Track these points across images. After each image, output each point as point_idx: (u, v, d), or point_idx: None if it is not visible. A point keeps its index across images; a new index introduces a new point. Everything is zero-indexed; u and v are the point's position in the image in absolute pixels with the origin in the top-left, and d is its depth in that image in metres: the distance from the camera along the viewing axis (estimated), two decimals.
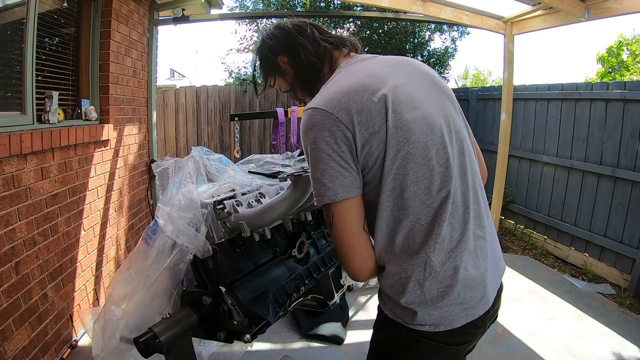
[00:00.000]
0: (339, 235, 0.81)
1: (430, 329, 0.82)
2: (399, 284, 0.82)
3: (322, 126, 0.77)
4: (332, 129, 0.77)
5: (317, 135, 0.78)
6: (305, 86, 1.03)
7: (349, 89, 0.80)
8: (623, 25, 22.16)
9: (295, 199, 1.04)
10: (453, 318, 0.82)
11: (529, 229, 4.14)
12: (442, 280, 0.81)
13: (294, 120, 2.84)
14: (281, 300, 1.08)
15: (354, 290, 2.97)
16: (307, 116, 0.80)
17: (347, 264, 0.84)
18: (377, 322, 0.95)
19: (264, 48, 1.04)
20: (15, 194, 1.71)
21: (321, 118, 0.78)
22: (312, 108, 0.80)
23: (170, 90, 5.72)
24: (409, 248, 0.81)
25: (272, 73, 1.05)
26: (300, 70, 1.00)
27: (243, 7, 7.12)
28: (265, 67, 1.06)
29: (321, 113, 0.78)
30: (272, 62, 1.02)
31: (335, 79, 0.89)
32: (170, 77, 18.10)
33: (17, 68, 1.90)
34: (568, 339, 2.37)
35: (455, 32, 6.91)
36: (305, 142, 0.81)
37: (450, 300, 0.81)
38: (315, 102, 0.81)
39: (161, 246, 0.96)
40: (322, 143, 0.77)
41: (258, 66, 1.09)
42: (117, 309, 0.97)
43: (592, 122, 3.37)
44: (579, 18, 2.82)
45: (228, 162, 1.25)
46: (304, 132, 0.81)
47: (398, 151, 0.78)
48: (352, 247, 0.82)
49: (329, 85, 0.87)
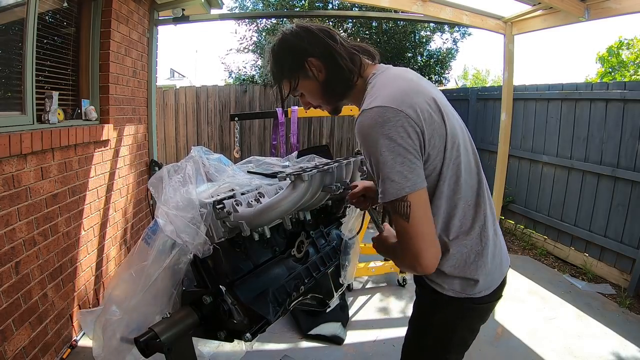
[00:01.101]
0: (416, 224, 0.84)
1: (484, 293, 0.98)
2: (461, 260, 0.95)
3: (396, 122, 0.82)
4: (404, 124, 0.83)
5: (392, 131, 0.82)
6: (332, 92, 1.02)
7: (405, 90, 0.88)
8: (623, 25, 22.17)
9: (294, 199, 1.04)
10: (494, 280, 1.00)
11: (529, 229, 4.14)
12: (492, 246, 0.98)
13: (294, 120, 2.84)
14: (281, 300, 1.08)
15: (354, 290, 2.97)
16: (376, 114, 0.83)
17: (422, 254, 0.84)
18: (427, 308, 1.05)
19: (290, 48, 0.99)
20: (15, 194, 1.71)
21: (392, 115, 0.83)
22: (379, 106, 0.84)
23: (170, 90, 5.72)
24: (463, 226, 0.95)
25: (296, 75, 1.00)
26: (333, 76, 0.99)
27: (243, 7, 7.12)
28: (290, 68, 1.00)
29: (391, 110, 0.83)
30: (299, 63, 0.99)
31: (381, 83, 0.93)
32: (170, 77, 18.10)
33: (17, 68, 1.90)
34: (568, 339, 2.37)
35: (457, 33, 6.90)
36: (375, 138, 0.83)
37: (495, 264, 0.99)
38: (379, 101, 0.85)
39: (161, 246, 0.96)
40: (398, 138, 0.82)
41: (277, 66, 1.02)
42: (118, 308, 0.97)
43: (592, 122, 3.38)
44: (579, 18, 2.82)
45: (227, 162, 1.25)
46: (373, 129, 0.83)
47: (453, 144, 0.90)
48: (428, 235, 0.86)
49: (377, 88, 0.91)
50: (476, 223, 0.96)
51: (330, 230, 1.41)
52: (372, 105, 0.85)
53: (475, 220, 0.96)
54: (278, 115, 2.79)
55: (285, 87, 1.04)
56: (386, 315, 2.64)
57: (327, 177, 1.15)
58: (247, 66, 7.29)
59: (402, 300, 2.84)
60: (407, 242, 0.85)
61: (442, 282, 0.98)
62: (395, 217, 0.85)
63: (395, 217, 0.85)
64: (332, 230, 1.43)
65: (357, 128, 0.88)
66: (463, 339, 1.06)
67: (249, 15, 6.58)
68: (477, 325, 1.06)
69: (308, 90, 1.03)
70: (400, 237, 0.86)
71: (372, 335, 2.40)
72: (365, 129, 0.85)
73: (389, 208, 0.87)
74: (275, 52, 1.02)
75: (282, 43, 1.00)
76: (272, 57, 1.03)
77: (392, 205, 0.85)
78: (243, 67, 7.28)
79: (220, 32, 76.38)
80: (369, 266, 2.99)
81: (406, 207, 0.83)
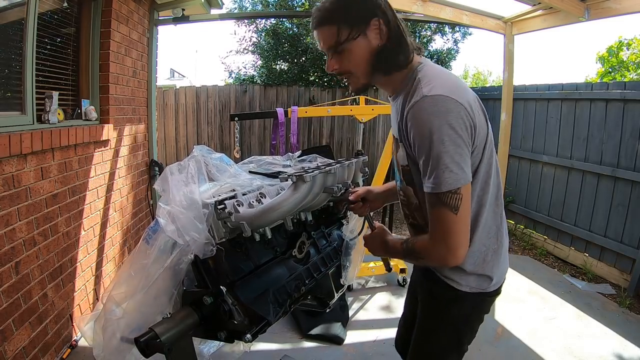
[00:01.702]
0: (463, 217, 0.85)
1: (495, 287, 1.05)
2: (480, 258, 1.00)
3: (457, 113, 0.82)
4: (463, 117, 0.83)
5: (454, 121, 0.81)
6: (380, 62, 0.93)
7: (459, 84, 0.89)
8: (623, 25, 22.18)
9: (295, 200, 1.04)
10: (503, 275, 1.08)
11: (529, 229, 4.15)
12: (504, 245, 1.05)
13: (294, 120, 2.84)
14: (281, 300, 1.08)
15: (354, 290, 2.97)
16: (440, 101, 0.82)
17: (459, 247, 0.86)
18: (443, 305, 1.08)
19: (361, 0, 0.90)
20: (15, 194, 1.71)
21: (454, 106, 0.82)
22: (442, 95, 0.82)
23: (170, 90, 5.72)
24: (486, 225, 0.98)
25: (356, 28, 0.89)
26: (391, 46, 0.91)
27: (242, 8, 7.12)
28: (355, 16, 0.89)
29: (452, 101, 0.82)
30: (367, 18, 0.90)
31: (433, 73, 0.90)
32: (170, 77, 18.08)
33: (17, 68, 1.90)
34: (568, 339, 2.37)
35: (457, 34, 6.89)
36: (439, 125, 0.81)
37: (505, 260, 1.06)
38: (440, 90, 0.83)
39: (162, 246, 0.96)
40: (459, 129, 0.82)
41: (340, 8, 0.90)
42: (118, 308, 0.97)
43: (592, 122, 3.38)
44: (579, 18, 2.82)
45: (229, 162, 1.25)
46: (438, 116, 0.81)
47: (490, 144, 0.94)
48: (468, 229, 0.88)
49: (432, 77, 0.88)
50: (494, 223, 1.01)
51: (332, 231, 1.41)
52: (434, 93, 0.83)
53: (494, 219, 1.00)
54: (278, 115, 2.79)
55: (331, 32, 0.91)
56: (386, 315, 2.64)
57: (328, 178, 1.15)
58: (247, 66, 7.29)
59: (402, 300, 2.83)
60: (448, 234, 0.85)
61: (460, 279, 1.01)
62: (439, 210, 0.84)
63: (439, 211, 0.85)
64: (334, 231, 1.43)
65: (415, 111, 0.84)
66: (474, 330, 1.13)
67: (249, 15, 6.58)
68: (484, 315, 1.13)
69: (355, 51, 0.92)
70: (441, 229, 0.86)
71: (372, 335, 2.40)
72: (427, 114, 0.82)
73: (432, 201, 0.85)
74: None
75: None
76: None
77: (441, 196, 0.83)
78: (243, 67, 7.28)
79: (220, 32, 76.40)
80: (369, 266, 2.99)
81: (458, 199, 0.83)
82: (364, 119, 2.86)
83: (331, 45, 0.92)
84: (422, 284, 1.16)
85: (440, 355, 1.13)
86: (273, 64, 6.87)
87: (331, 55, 0.95)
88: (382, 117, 5.78)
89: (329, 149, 4.26)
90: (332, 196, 1.18)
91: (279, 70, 6.82)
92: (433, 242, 0.89)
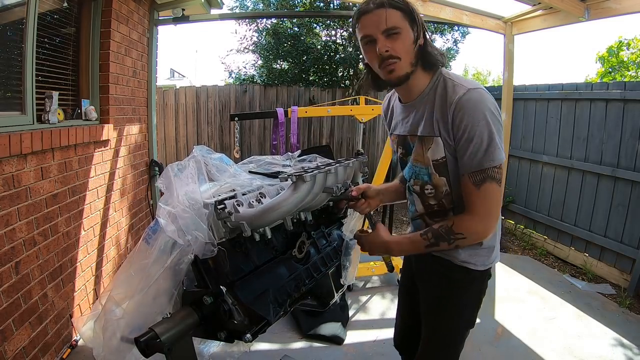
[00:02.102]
0: (499, 192, 1.01)
1: (496, 261, 1.18)
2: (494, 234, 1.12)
3: (493, 103, 1.00)
4: (497, 106, 1.01)
5: (495, 110, 1.00)
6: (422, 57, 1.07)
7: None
8: (623, 25, 22.18)
9: (295, 200, 1.04)
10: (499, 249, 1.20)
11: (529, 229, 4.15)
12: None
13: (294, 120, 2.84)
14: (281, 300, 1.08)
15: (354, 290, 2.98)
16: (484, 93, 1.00)
17: (493, 221, 1.03)
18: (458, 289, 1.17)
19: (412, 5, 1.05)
20: (15, 194, 1.71)
21: (490, 97, 1.00)
22: (482, 89, 1.01)
23: (170, 90, 5.72)
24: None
25: (410, 22, 1.03)
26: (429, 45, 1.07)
27: (243, 7, 7.12)
28: (410, 13, 1.03)
29: (488, 94, 1.01)
30: (417, 19, 1.04)
31: (454, 75, 1.07)
32: (170, 77, 18.08)
33: (17, 68, 1.90)
34: (568, 339, 2.37)
35: (457, 34, 6.89)
36: (488, 110, 0.98)
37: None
38: (477, 85, 1.01)
39: (162, 246, 0.96)
40: (497, 114, 1.00)
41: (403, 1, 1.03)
42: (118, 308, 0.97)
43: (592, 122, 3.38)
44: (579, 18, 2.82)
45: (229, 162, 1.25)
46: (485, 103, 0.98)
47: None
48: (500, 204, 1.05)
49: (458, 77, 1.05)
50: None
51: (332, 231, 1.41)
52: (476, 87, 1.00)
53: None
54: (278, 115, 2.79)
55: (396, 15, 1.01)
56: (386, 315, 2.64)
57: (328, 178, 1.15)
58: (247, 66, 7.29)
59: None
60: (497, 205, 1.02)
61: (475, 259, 1.13)
62: (488, 185, 0.98)
63: (488, 186, 0.98)
64: (333, 231, 1.42)
65: (467, 102, 0.98)
66: (481, 303, 1.23)
67: (249, 15, 6.58)
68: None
69: (409, 39, 1.03)
70: (489, 203, 1.00)
71: (372, 335, 2.40)
72: (476, 103, 0.98)
73: (480, 178, 0.99)
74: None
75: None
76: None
77: (489, 172, 0.98)
78: (243, 67, 7.29)
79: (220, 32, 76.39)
80: (369, 266, 2.99)
81: (500, 173, 1.00)
82: (364, 119, 2.86)
83: (393, 27, 1.00)
84: (433, 273, 1.21)
85: (458, 337, 1.22)
86: (273, 64, 6.87)
87: (385, 37, 1.01)
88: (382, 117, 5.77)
89: (328, 149, 4.26)
90: (332, 196, 1.18)
91: (279, 70, 6.82)
92: (480, 218, 1.01)
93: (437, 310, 1.22)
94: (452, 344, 1.22)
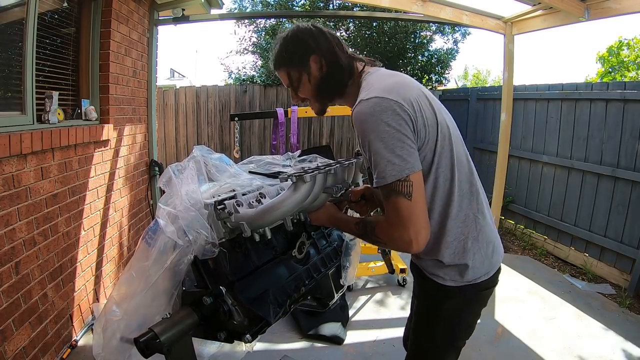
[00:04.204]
0: (418, 201, 0.90)
1: (484, 279, 1.04)
2: (460, 247, 1.01)
3: (393, 111, 0.89)
4: (400, 113, 0.90)
5: (389, 118, 0.89)
6: (326, 88, 1.09)
7: (398, 83, 0.97)
8: (623, 25, 22.17)
9: (295, 200, 1.04)
10: (492, 265, 1.06)
11: (529, 229, 4.15)
12: (488, 232, 1.04)
13: (294, 120, 2.84)
14: (281, 301, 1.08)
15: (354, 290, 2.97)
16: (374, 103, 0.90)
17: (421, 232, 0.91)
18: (434, 300, 1.10)
19: (301, 41, 1.06)
20: (15, 194, 1.71)
21: (389, 105, 0.90)
22: (377, 97, 0.91)
23: (170, 90, 5.72)
24: (460, 213, 1.00)
25: (299, 69, 1.08)
26: (331, 73, 1.07)
27: (242, 8, 7.12)
28: (295, 59, 1.08)
29: (388, 101, 0.90)
30: (303, 59, 1.06)
31: (375, 79, 1.00)
32: (170, 77, 18.07)
33: (17, 68, 1.90)
34: (568, 339, 2.37)
35: (457, 34, 6.89)
36: (375, 124, 0.89)
37: (490, 250, 1.05)
38: (376, 92, 0.92)
39: (162, 246, 0.96)
40: (396, 124, 0.89)
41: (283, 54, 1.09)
42: (118, 309, 0.97)
43: (592, 122, 3.37)
44: (579, 18, 2.82)
45: (229, 162, 1.25)
46: (373, 116, 0.90)
47: (444, 134, 0.97)
48: (425, 214, 0.92)
49: (372, 83, 0.99)
50: (471, 210, 1.02)
51: (331, 231, 1.41)
52: (370, 96, 0.92)
53: (470, 207, 1.02)
54: (278, 115, 2.79)
55: (283, 75, 1.11)
56: (386, 315, 2.64)
57: (328, 179, 1.15)
58: (247, 66, 7.29)
59: (402, 300, 2.84)
60: (408, 219, 0.90)
61: (442, 273, 1.04)
62: (394, 199, 0.90)
63: (394, 200, 0.90)
64: (333, 231, 1.42)
65: (355, 116, 0.93)
66: (469, 325, 1.13)
67: (249, 15, 6.58)
68: (480, 310, 1.13)
69: (305, 83, 1.09)
70: (399, 216, 0.90)
71: (372, 335, 2.40)
72: (364, 116, 0.91)
73: (385, 192, 0.91)
74: (286, 40, 1.08)
75: (294, 35, 1.08)
76: (282, 44, 1.09)
77: (392, 187, 0.89)
78: (243, 68, 7.29)
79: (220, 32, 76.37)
80: (369, 266, 2.99)
81: (409, 186, 0.89)
82: None
83: (287, 84, 1.12)
84: (416, 280, 1.19)
85: (436, 351, 1.15)
86: None
87: (291, 90, 1.14)
88: None
89: (329, 149, 4.26)
90: (332, 197, 1.18)
91: None
92: (394, 229, 0.93)
93: (415, 321, 1.19)
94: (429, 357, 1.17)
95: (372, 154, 0.91)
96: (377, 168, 0.91)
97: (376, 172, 0.91)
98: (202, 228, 0.92)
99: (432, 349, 1.15)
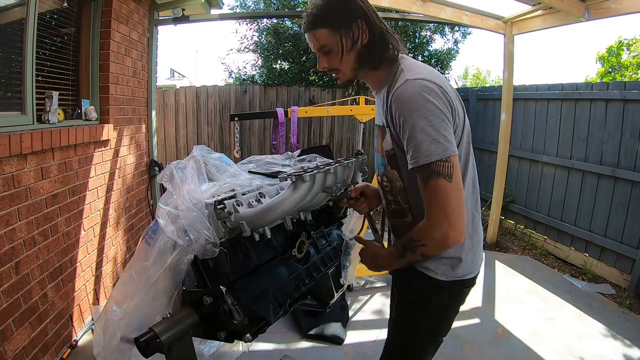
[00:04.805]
0: (458, 184, 0.90)
1: (470, 276, 1.07)
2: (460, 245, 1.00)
3: (438, 95, 0.91)
4: (444, 98, 0.92)
5: (436, 100, 0.90)
6: (367, 58, 1.04)
7: (437, 73, 0.98)
8: (623, 25, 22.18)
9: (295, 199, 1.04)
10: (477, 264, 1.10)
11: (529, 229, 4.15)
12: (479, 232, 1.09)
13: (294, 120, 2.83)
14: (281, 300, 1.08)
15: (354, 290, 2.97)
16: (422, 84, 0.92)
17: (458, 217, 0.90)
18: (422, 295, 1.10)
19: (346, 3, 1.00)
20: (15, 194, 1.71)
21: (434, 87, 0.92)
22: (424, 79, 0.92)
23: (170, 90, 5.72)
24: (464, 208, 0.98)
25: (340, 31, 1.00)
26: (373, 44, 1.02)
27: (244, 7, 7.12)
28: (337, 21, 1.00)
29: (432, 83, 0.92)
30: (350, 20, 1.00)
31: (414, 64, 1.02)
32: (170, 77, 18.06)
33: (17, 68, 1.90)
34: (568, 339, 2.37)
35: (457, 34, 6.89)
36: (422, 103, 0.90)
37: (480, 250, 1.10)
38: (422, 75, 0.94)
39: (162, 246, 0.96)
40: (442, 106, 0.91)
41: (326, 13, 1.00)
42: (118, 308, 0.97)
43: (592, 122, 3.38)
44: (579, 18, 2.83)
45: (229, 162, 1.25)
46: (421, 95, 0.90)
47: (466, 129, 1.01)
48: (463, 197, 0.92)
49: (413, 66, 1.00)
50: (470, 209, 1.04)
51: (331, 231, 1.41)
52: (417, 77, 0.93)
53: (471, 205, 1.04)
54: (278, 115, 2.79)
55: (321, 34, 1.02)
56: (386, 316, 2.61)
57: (328, 178, 1.15)
58: (247, 66, 7.29)
59: None
60: (448, 203, 0.89)
61: (434, 267, 1.05)
62: (434, 181, 0.89)
63: (434, 182, 0.89)
64: (333, 231, 1.42)
65: (399, 95, 0.93)
66: (450, 320, 1.15)
67: (250, 15, 6.58)
68: (459, 307, 1.15)
69: (340, 49, 1.02)
70: (439, 201, 0.89)
71: (372, 335, 2.40)
72: (412, 94, 0.91)
73: (425, 175, 0.90)
74: (327, 3, 1.00)
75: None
76: (325, 2, 1.00)
77: (433, 167, 0.88)
78: (243, 67, 7.28)
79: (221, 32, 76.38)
80: None
81: (450, 167, 0.89)
82: (364, 119, 2.86)
83: (321, 46, 1.04)
84: (402, 276, 1.17)
85: (419, 345, 1.16)
86: (273, 64, 6.87)
87: (321, 55, 1.06)
88: None
89: (328, 148, 4.26)
90: (331, 195, 1.18)
91: (280, 70, 6.82)
92: (432, 219, 0.91)
93: (397, 317, 1.19)
94: (406, 355, 1.18)
95: (415, 133, 0.90)
96: (420, 147, 0.89)
97: (419, 151, 0.89)
98: (203, 228, 0.92)
99: (415, 342, 1.15)
